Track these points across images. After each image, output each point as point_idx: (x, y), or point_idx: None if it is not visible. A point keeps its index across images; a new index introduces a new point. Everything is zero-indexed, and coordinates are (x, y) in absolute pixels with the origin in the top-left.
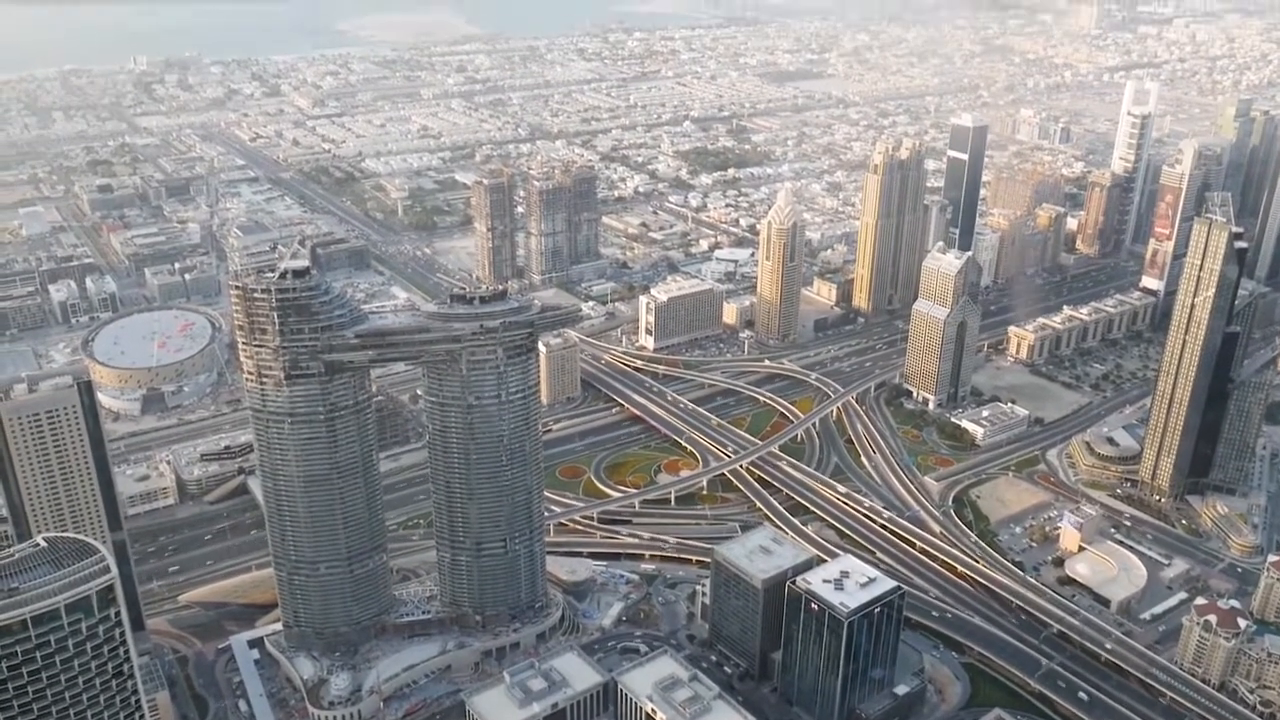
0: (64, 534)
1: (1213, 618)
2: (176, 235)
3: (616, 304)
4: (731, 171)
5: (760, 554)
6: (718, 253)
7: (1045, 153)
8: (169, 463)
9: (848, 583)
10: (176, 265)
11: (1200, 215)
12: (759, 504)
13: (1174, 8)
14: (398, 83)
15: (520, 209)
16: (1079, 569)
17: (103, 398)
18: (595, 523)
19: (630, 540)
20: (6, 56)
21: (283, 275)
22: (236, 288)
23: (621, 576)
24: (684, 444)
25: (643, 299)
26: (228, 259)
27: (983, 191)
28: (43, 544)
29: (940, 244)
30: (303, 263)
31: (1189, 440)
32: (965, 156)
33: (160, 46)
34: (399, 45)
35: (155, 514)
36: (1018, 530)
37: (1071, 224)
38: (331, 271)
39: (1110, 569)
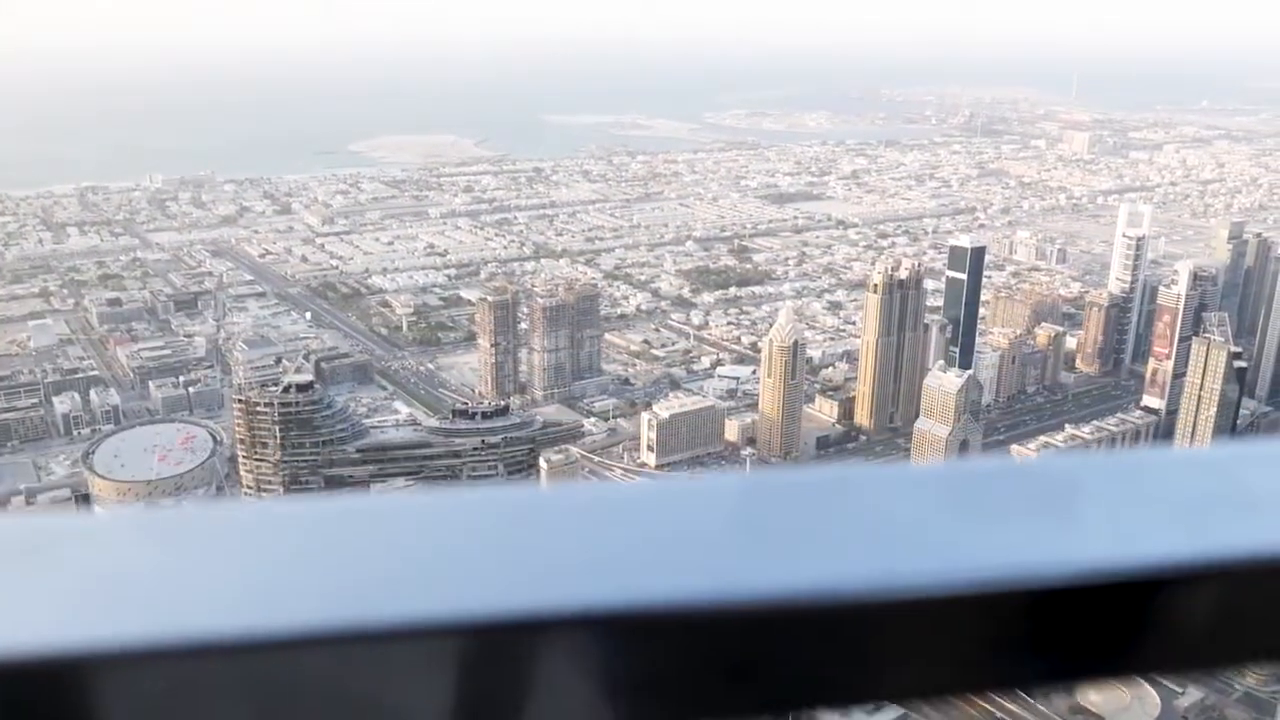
0: None
1: None
2: (183, 349)
3: (618, 420)
4: (733, 290)
5: None
6: (719, 370)
7: (1042, 273)
8: None
9: None
10: (181, 378)
11: (1198, 335)
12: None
13: (1164, 133)
14: (406, 201)
15: (524, 325)
16: (1091, 697)
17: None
18: None
19: None
20: (28, 174)
21: (286, 389)
22: (239, 401)
23: None
24: None
25: (645, 415)
26: (232, 373)
27: (982, 311)
28: None
29: (941, 362)
30: (306, 377)
31: None
32: (964, 276)
33: (176, 165)
34: (408, 166)
35: None
36: None
37: (1071, 343)
38: (335, 386)
39: (1123, 698)
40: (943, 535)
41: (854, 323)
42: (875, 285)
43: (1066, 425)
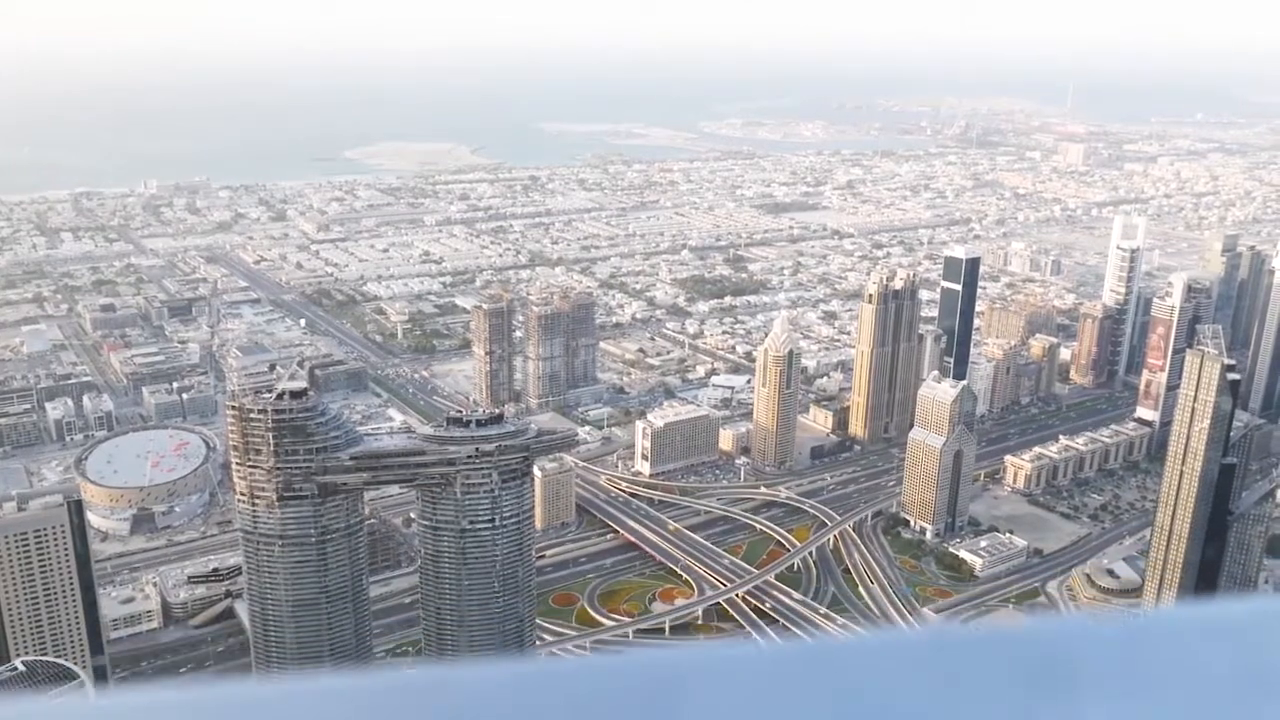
0: (43, 657)
1: None
2: (176, 355)
3: (613, 429)
4: (728, 299)
5: None
6: (714, 379)
7: (1037, 284)
8: (155, 585)
9: None
10: (174, 384)
11: (1192, 347)
12: (755, 635)
13: (1159, 146)
14: (401, 209)
15: (519, 333)
16: None
17: (92, 517)
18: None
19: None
20: (22, 179)
21: (280, 396)
22: (233, 408)
23: None
24: (679, 571)
25: (639, 424)
26: (226, 379)
27: (977, 322)
28: (21, 668)
29: (935, 373)
30: (300, 384)
31: (1190, 573)
32: (959, 287)
33: (171, 171)
34: (404, 173)
35: (139, 638)
36: None
37: (1065, 354)
38: (329, 393)
39: None
40: None
41: (849, 333)
42: (870, 295)
43: (1061, 436)
